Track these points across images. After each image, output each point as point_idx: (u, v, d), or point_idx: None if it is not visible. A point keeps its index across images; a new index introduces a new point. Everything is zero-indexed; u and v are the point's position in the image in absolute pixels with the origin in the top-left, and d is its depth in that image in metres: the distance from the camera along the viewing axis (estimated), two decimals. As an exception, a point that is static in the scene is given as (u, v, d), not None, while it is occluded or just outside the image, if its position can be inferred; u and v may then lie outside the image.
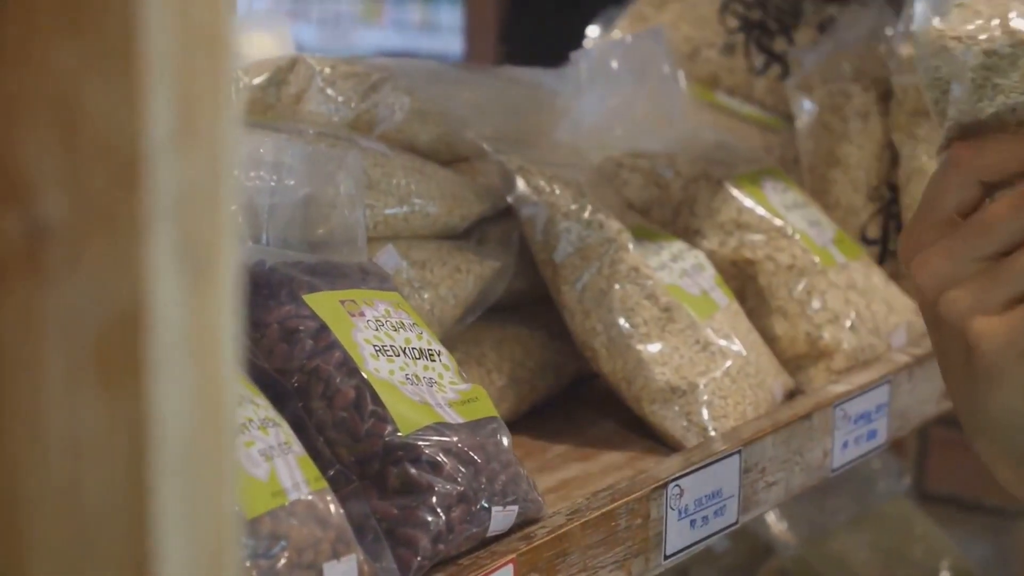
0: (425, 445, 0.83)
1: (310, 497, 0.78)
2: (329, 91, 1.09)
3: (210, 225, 0.41)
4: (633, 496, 0.94)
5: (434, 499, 0.82)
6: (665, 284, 1.10)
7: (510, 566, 0.85)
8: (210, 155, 0.40)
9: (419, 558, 0.81)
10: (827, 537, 1.76)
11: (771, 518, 1.76)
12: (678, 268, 1.14)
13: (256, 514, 0.75)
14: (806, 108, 1.40)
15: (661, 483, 0.97)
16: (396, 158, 1.05)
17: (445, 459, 0.83)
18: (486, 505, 0.85)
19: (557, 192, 1.10)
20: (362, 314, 0.88)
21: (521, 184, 1.09)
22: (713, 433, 1.06)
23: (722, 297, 1.16)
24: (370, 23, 6.13)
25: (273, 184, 0.95)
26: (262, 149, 0.96)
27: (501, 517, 0.86)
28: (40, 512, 0.41)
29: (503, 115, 1.18)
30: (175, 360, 0.40)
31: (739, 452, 1.04)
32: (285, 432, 0.81)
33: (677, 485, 0.98)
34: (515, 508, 0.87)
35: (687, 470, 0.99)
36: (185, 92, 0.40)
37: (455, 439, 0.85)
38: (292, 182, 0.96)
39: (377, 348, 0.87)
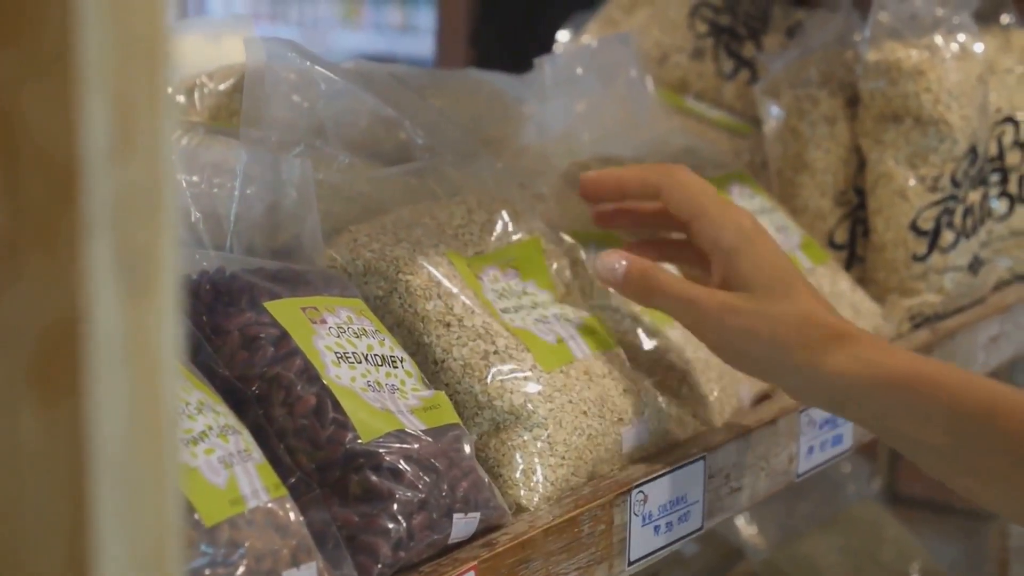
0: (386, 452, 0.83)
1: (270, 505, 0.78)
2: (294, 97, 1.09)
3: (149, 235, 0.41)
4: (596, 502, 0.94)
5: (395, 506, 0.82)
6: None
7: (472, 573, 0.85)
8: (148, 164, 0.40)
9: (379, 565, 0.81)
10: (797, 540, 1.77)
11: (741, 522, 1.76)
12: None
13: (215, 522, 0.75)
14: (774, 113, 1.41)
15: (625, 489, 0.97)
16: (360, 165, 1.05)
17: (406, 466, 0.83)
18: (448, 512, 0.84)
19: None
20: (324, 321, 0.88)
21: None
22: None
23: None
24: (349, 25, 6.12)
25: (237, 192, 0.95)
26: (226, 156, 0.96)
27: (463, 524, 0.86)
28: (-21, 523, 0.41)
29: (470, 121, 1.18)
30: (114, 370, 0.40)
31: (703, 458, 1.04)
32: (245, 440, 0.81)
33: (641, 491, 0.98)
34: (477, 515, 0.87)
35: (651, 476, 0.99)
36: (122, 101, 0.39)
37: (416, 446, 0.85)
38: (255, 190, 0.96)
39: (338, 355, 0.87)
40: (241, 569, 0.75)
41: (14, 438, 0.40)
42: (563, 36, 1.61)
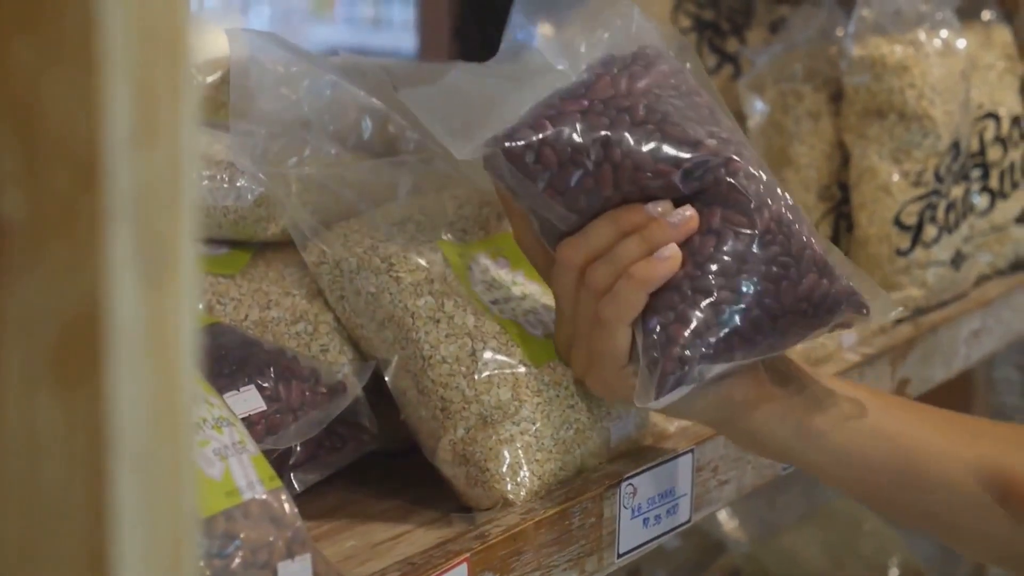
0: None
1: (264, 496, 0.78)
2: (283, 90, 1.09)
3: (169, 224, 0.41)
4: (587, 495, 0.95)
5: None
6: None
7: (464, 565, 0.85)
8: (170, 153, 0.40)
9: None
10: (778, 534, 1.77)
11: (722, 516, 1.76)
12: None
13: (211, 513, 0.75)
14: (758, 108, 1.41)
15: (614, 482, 0.97)
16: (348, 158, 1.05)
17: None
18: None
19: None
20: None
21: None
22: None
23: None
24: (321, 19, 6.12)
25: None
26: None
27: None
28: (-3, 510, 0.41)
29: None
30: (133, 358, 0.40)
31: (691, 451, 1.04)
32: (239, 431, 0.81)
33: (630, 484, 0.98)
34: None
35: (640, 469, 0.99)
36: (144, 89, 0.39)
37: None
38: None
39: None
40: (236, 561, 0.75)
41: (33, 424, 0.40)
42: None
